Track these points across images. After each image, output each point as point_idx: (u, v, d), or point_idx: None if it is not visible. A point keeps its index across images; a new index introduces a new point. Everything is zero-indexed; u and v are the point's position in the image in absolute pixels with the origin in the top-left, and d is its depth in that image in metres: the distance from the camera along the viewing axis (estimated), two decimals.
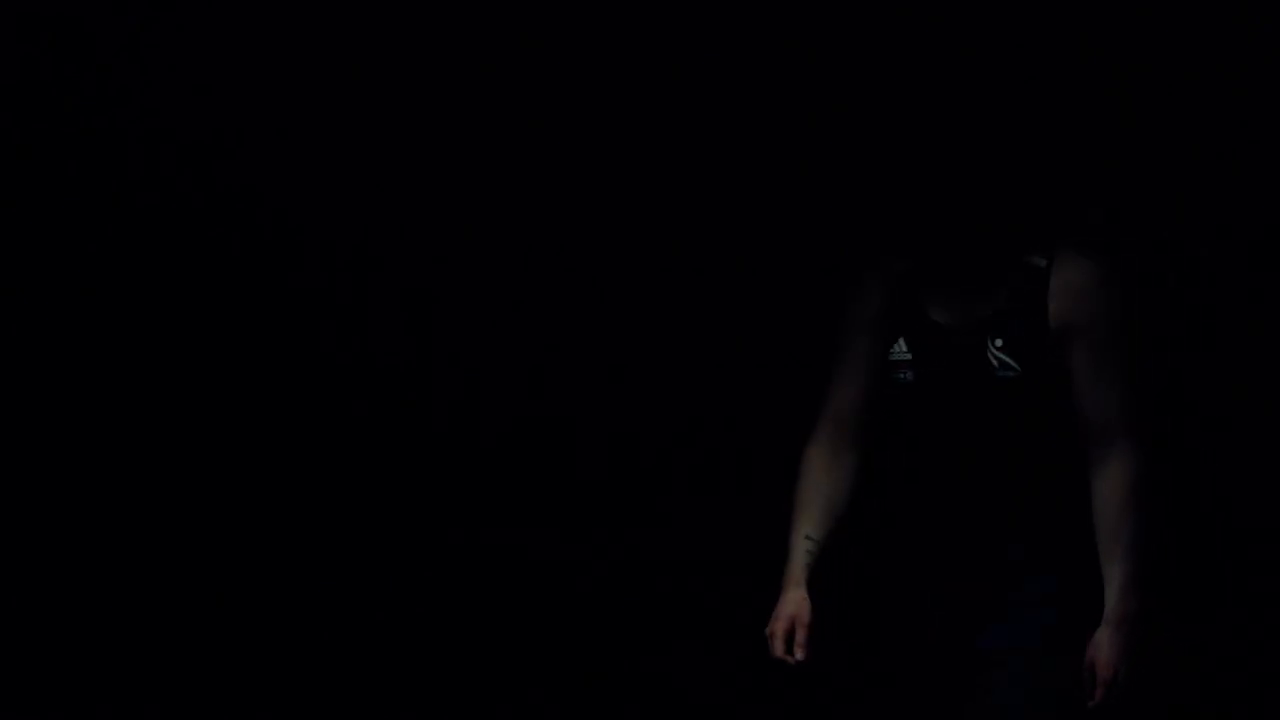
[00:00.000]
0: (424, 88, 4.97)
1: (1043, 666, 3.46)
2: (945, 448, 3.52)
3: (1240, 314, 4.59)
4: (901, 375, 3.56)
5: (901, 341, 3.55)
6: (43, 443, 5.03)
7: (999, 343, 3.47)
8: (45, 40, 4.96)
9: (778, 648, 3.57)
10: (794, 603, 3.59)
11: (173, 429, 5.05)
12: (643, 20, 4.88)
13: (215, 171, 5.01)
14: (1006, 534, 3.50)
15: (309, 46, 4.97)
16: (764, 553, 3.75)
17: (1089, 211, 4.76)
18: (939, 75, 4.73)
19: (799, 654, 3.56)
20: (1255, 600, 4.59)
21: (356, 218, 5.03)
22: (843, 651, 3.75)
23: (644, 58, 4.87)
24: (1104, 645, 3.41)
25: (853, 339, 3.65)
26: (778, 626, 3.58)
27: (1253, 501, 4.59)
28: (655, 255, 4.92)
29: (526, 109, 4.92)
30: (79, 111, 4.98)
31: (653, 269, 4.92)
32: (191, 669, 5.03)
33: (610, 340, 4.96)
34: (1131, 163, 4.64)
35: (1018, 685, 3.46)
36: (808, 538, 3.62)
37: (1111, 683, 3.40)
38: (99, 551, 5.03)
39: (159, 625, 5.03)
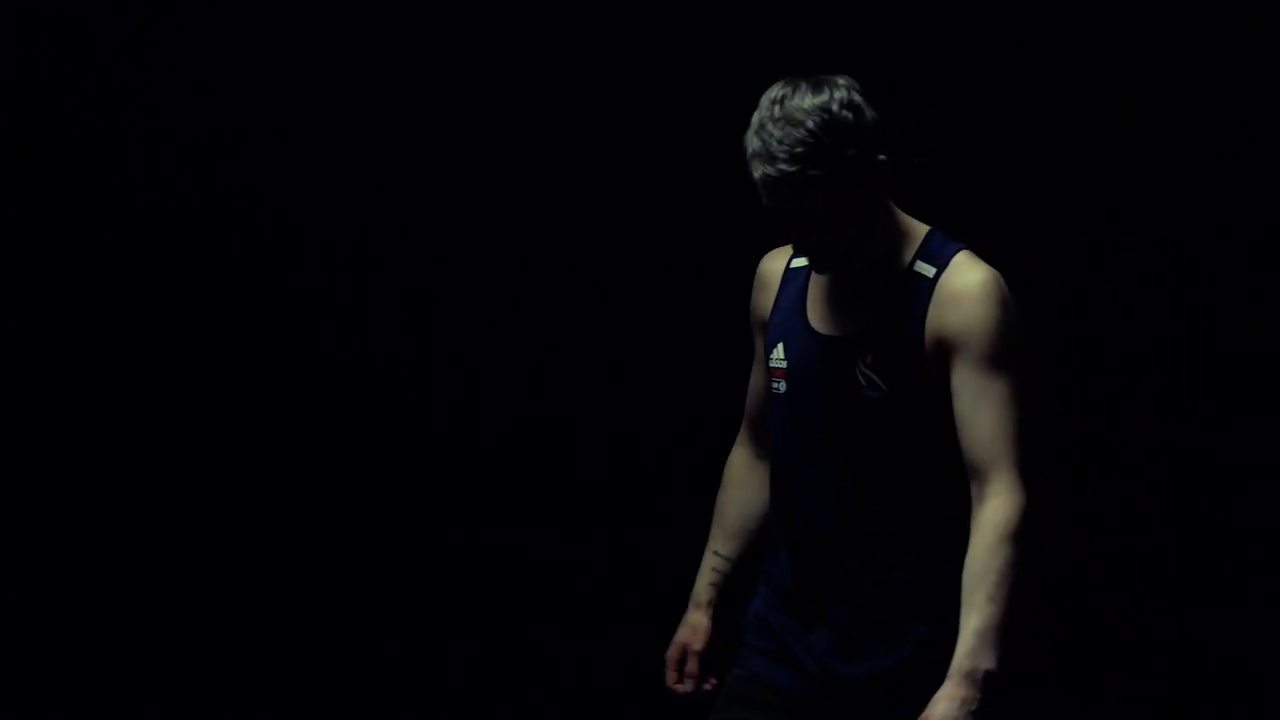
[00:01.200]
0: (424, 88, 4.98)
1: None
2: (809, 470, 3.17)
3: (1240, 314, 4.59)
4: (775, 384, 3.23)
5: (780, 346, 3.22)
6: (43, 442, 5.03)
7: (869, 359, 3.11)
8: (45, 40, 4.96)
9: (668, 676, 3.34)
10: (688, 628, 3.36)
11: (173, 429, 5.05)
12: (643, 20, 4.88)
13: (215, 171, 5.02)
14: (872, 572, 3.13)
15: (309, 46, 4.98)
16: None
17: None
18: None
19: (688, 684, 3.31)
20: (1255, 600, 4.59)
21: (356, 218, 5.03)
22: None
23: (644, 58, 4.87)
24: (941, 701, 2.99)
25: (757, 339, 3.35)
26: (670, 653, 3.36)
27: (1253, 501, 4.59)
28: (655, 255, 4.92)
29: (526, 109, 4.92)
30: (79, 111, 4.98)
31: (653, 269, 4.92)
32: (191, 669, 5.03)
33: (610, 340, 4.96)
34: (1131, 163, 4.64)
35: None
36: (716, 554, 3.38)
37: None
38: (99, 551, 5.03)
39: (159, 625, 5.03)
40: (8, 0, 4.93)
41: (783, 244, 3.29)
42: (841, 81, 3.08)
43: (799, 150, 3.01)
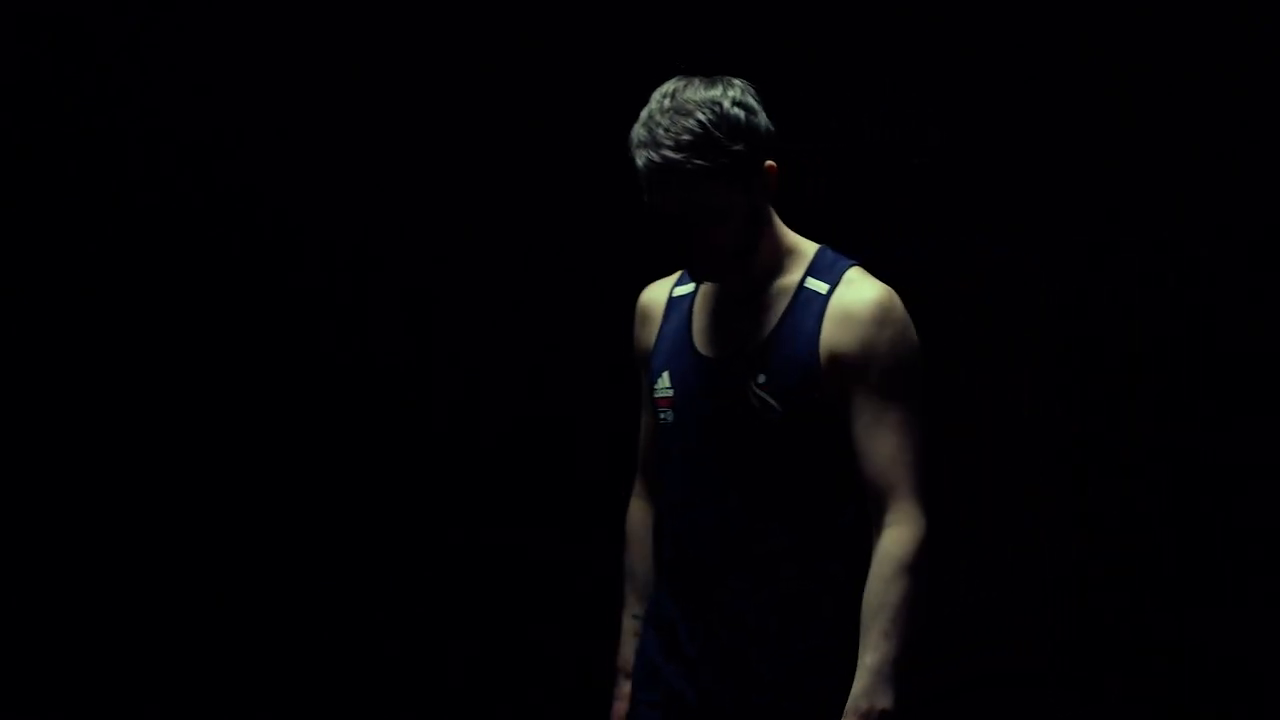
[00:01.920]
0: (424, 88, 4.98)
1: None
2: (698, 495, 3.06)
3: (1240, 314, 4.59)
4: (662, 414, 3.11)
5: (666, 375, 3.12)
6: (43, 442, 5.03)
7: (761, 379, 3.00)
8: (45, 40, 4.97)
9: None
10: (624, 701, 3.24)
11: (173, 429, 5.05)
12: (643, 20, 4.88)
13: (215, 171, 5.02)
14: (762, 590, 3.04)
15: (309, 46, 4.98)
16: None
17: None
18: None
19: None
20: (1255, 600, 4.59)
21: (356, 218, 5.03)
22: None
23: (644, 58, 4.87)
24: None
25: (642, 376, 3.24)
26: None
27: (1253, 501, 4.59)
28: (655, 255, 4.91)
29: (526, 109, 4.92)
30: (79, 111, 4.98)
31: (652, 269, 4.92)
32: (191, 669, 5.03)
33: (610, 340, 4.96)
34: (1131, 163, 4.65)
35: None
36: (635, 617, 3.27)
37: None
38: (99, 551, 5.04)
39: (159, 625, 5.03)
40: (8, 0, 4.93)
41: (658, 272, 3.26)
42: (737, 82, 3.01)
43: (685, 139, 2.93)
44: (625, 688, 3.26)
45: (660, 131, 2.94)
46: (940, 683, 4.77)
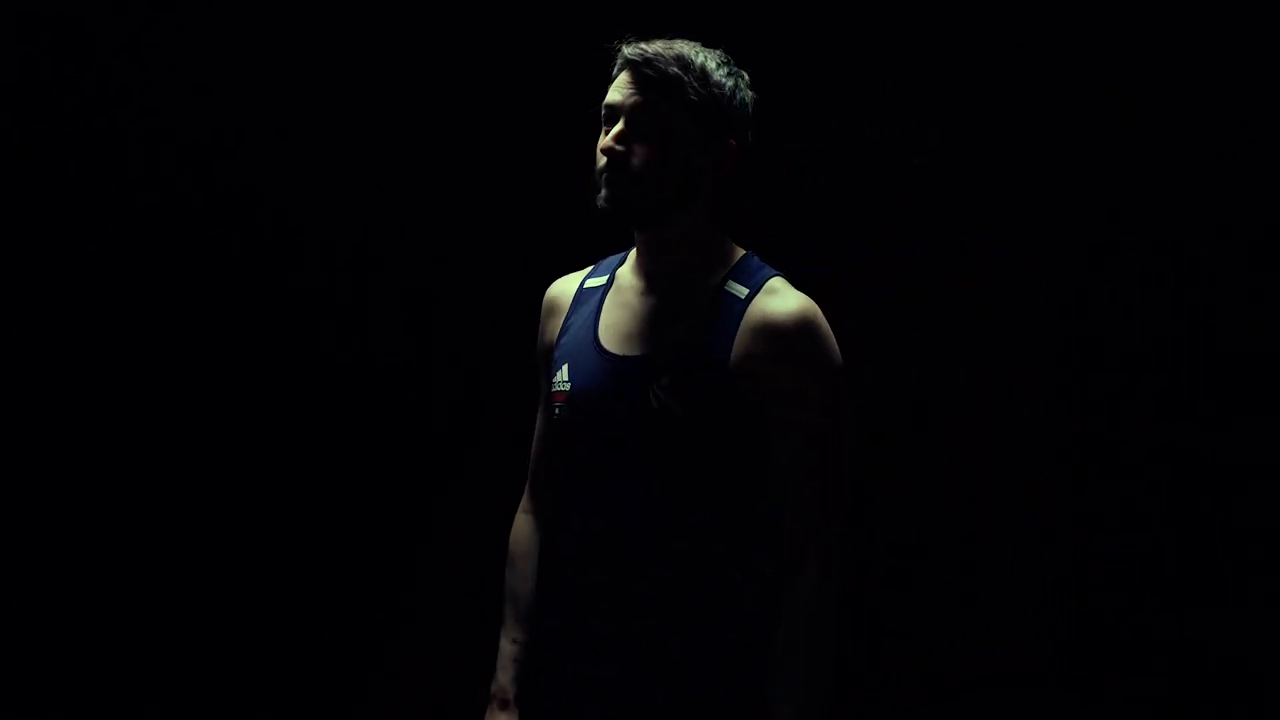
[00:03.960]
0: (424, 88, 4.98)
1: None
2: (623, 496, 2.94)
3: (1240, 314, 4.59)
4: (557, 409, 3.01)
5: (565, 369, 3.01)
6: (43, 442, 5.03)
7: (665, 381, 2.89)
8: (45, 40, 4.97)
9: None
10: None
11: (173, 429, 5.05)
12: (642, 20, 4.87)
13: (215, 171, 5.02)
14: (701, 598, 2.94)
15: (309, 46, 4.98)
16: None
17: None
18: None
19: None
20: (1255, 600, 4.59)
21: (356, 218, 5.03)
22: None
23: None
24: None
25: (542, 375, 3.13)
26: None
27: (1253, 501, 4.59)
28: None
29: (526, 109, 4.92)
30: (79, 111, 4.98)
31: None
32: (191, 669, 5.03)
33: None
34: (1131, 163, 4.64)
35: None
36: (515, 642, 3.14)
37: None
38: (99, 551, 5.04)
39: (159, 625, 5.03)
40: (8, 0, 4.93)
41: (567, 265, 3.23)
42: (744, 72, 3.05)
43: (675, 53, 2.99)
44: (499, 717, 3.13)
45: (657, 43, 3.00)
46: (940, 683, 4.77)
